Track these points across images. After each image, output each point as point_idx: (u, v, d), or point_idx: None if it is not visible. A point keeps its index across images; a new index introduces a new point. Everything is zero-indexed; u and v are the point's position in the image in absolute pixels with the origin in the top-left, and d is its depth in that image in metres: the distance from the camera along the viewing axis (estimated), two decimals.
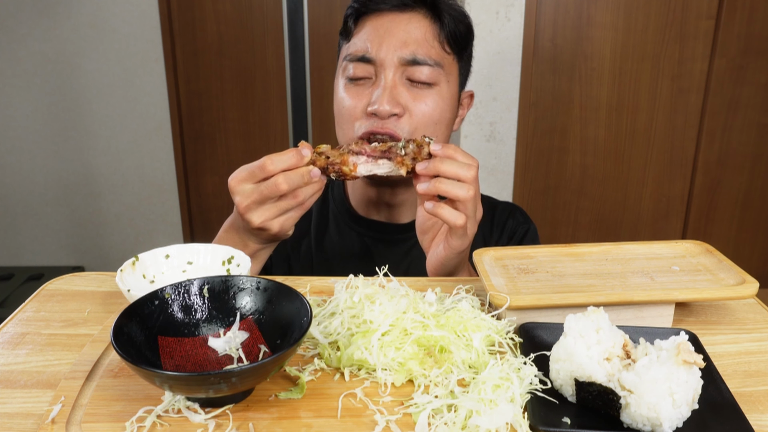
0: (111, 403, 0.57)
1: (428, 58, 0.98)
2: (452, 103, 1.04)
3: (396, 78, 0.98)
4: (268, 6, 2.69)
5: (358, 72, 0.99)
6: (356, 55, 0.99)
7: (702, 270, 0.75)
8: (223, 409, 0.56)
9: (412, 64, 0.98)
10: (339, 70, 1.05)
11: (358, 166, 0.86)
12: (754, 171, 2.65)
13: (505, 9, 2.38)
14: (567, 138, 2.60)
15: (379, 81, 0.98)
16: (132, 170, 2.95)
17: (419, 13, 1.00)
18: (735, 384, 0.61)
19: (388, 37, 0.98)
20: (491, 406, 0.53)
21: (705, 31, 2.44)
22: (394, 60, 0.97)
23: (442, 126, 1.02)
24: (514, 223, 1.17)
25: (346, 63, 1.01)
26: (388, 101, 0.96)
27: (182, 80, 2.81)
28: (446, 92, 1.02)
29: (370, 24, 1.00)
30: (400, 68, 0.98)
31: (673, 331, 0.64)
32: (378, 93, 0.97)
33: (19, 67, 2.76)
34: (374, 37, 0.98)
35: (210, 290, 0.64)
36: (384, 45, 0.97)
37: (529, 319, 0.68)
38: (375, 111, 0.97)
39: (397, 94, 0.98)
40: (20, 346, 0.67)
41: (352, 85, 1.01)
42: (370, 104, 0.97)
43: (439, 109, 1.01)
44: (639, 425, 0.53)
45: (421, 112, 0.99)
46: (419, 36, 0.98)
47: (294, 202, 0.84)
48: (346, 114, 1.01)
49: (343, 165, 0.85)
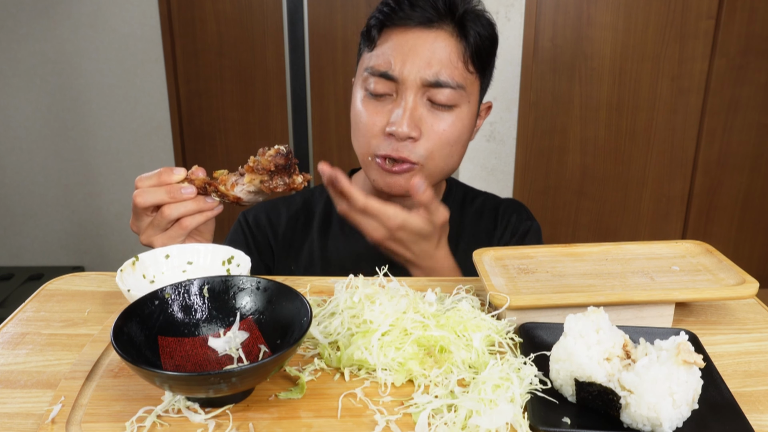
0: (111, 403, 0.57)
1: (451, 80, 0.97)
2: (471, 122, 1.04)
3: (417, 99, 0.97)
4: (268, 6, 2.70)
5: (379, 88, 0.98)
6: (378, 70, 0.98)
7: (702, 270, 0.75)
8: (223, 409, 0.55)
9: (435, 86, 0.97)
10: (359, 79, 1.04)
11: (236, 187, 0.83)
12: (754, 171, 2.65)
13: (505, 9, 2.39)
14: (567, 138, 2.61)
15: (399, 101, 0.98)
16: (132, 170, 2.94)
17: (445, 31, 0.98)
18: (735, 384, 0.61)
19: (413, 56, 0.96)
20: (491, 406, 0.53)
21: (705, 31, 2.45)
22: (416, 80, 0.96)
23: (458, 146, 1.02)
24: (518, 219, 1.17)
25: (367, 75, 1.00)
26: (408, 124, 0.96)
27: (182, 80, 2.81)
28: (466, 114, 1.01)
29: (395, 38, 0.98)
30: (422, 89, 0.97)
31: (673, 331, 0.64)
32: (398, 114, 0.96)
33: (19, 67, 2.76)
34: (398, 54, 0.97)
35: (210, 290, 0.64)
36: (408, 64, 0.96)
37: (529, 319, 0.68)
38: (393, 132, 0.96)
39: (417, 117, 0.97)
40: (20, 346, 0.67)
41: (372, 99, 1.00)
42: (389, 124, 0.97)
43: (457, 131, 1.00)
44: (639, 425, 0.53)
45: (437, 135, 0.98)
46: (444, 57, 0.97)
47: (161, 219, 0.84)
48: (363, 129, 1.01)
49: (221, 184, 0.83)
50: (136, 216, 0.86)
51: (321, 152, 2.91)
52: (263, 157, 0.81)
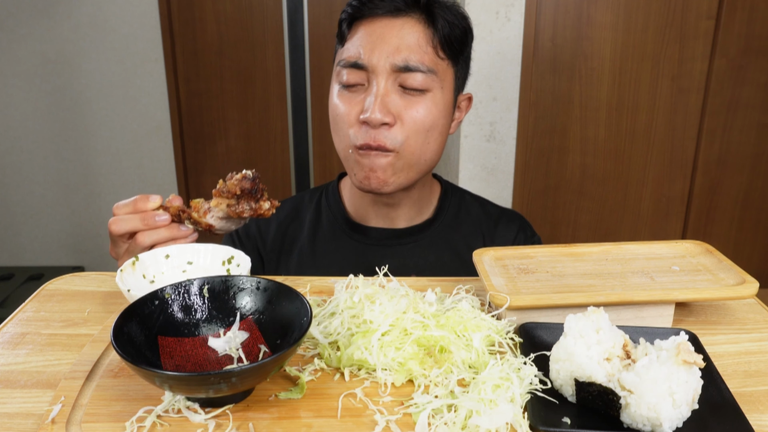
0: (111, 403, 0.57)
1: (421, 65, 0.97)
2: (446, 109, 1.04)
3: (388, 85, 0.97)
4: (268, 6, 2.70)
5: (351, 78, 0.99)
6: (349, 61, 0.99)
7: (702, 270, 0.75)
8: (223, 409, 0.56)
9: (405, 71, 0.97)
10: (333, 75, 1.04)
11: (208, 214, 0.83)
12: (754, 171, 2.65)
13: (505, 9, 2.38)
14: (567, 138, 2.61)
15: (371, 88, 0.98)
16: (132, 170, 2.96)
17: (413, 17, 0.99)
18: (735, 384, 0.61)
19: (381, 44, 0.97)
20: (491, 406, 0.53)
21: (705, 31, 2.45)
22: (386, 66, 0.97)
23: (435, 133, 1.02)
24: (524, 237, 1.16)
25: (339, 68, 1.01)
26: (380, 110, 0.96)
27: (182, 80, 2.82)
28: (440, 99, 1.01)
29: (363, 29, 0.99)
30: (392, 75, 0.97)
31: (673, 331, 0.64)
32: (370, 101, 0.97)
33: (19, 67, 2.77)
34: (367, 43, 0.98)
35: (210, 290, 0.64)
36: (376, 51, 0.97)
37: (529, 319, 0.68)
38: (366, 119, 0.96)
39: (389, 103, 0.97)
40: (20, 346, 0.68)
41: (346, 91, 1.00)
42: (362, 112, 0.97)
43: (432, 116, 1.00)
44: (639, 425, 0.53)
45: (412, 120, 0.98)
46: (412, 42, 0.97)
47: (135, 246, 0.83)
48: (340, 121, 1.01)
49: (194, 211, 0.82)
50: (113, 243, 0.86)
51: (321, 151, 2.92)
52: (230, 181, 0.81)
